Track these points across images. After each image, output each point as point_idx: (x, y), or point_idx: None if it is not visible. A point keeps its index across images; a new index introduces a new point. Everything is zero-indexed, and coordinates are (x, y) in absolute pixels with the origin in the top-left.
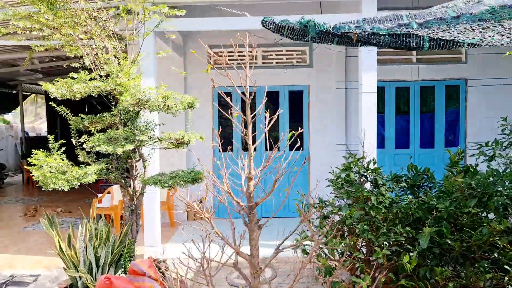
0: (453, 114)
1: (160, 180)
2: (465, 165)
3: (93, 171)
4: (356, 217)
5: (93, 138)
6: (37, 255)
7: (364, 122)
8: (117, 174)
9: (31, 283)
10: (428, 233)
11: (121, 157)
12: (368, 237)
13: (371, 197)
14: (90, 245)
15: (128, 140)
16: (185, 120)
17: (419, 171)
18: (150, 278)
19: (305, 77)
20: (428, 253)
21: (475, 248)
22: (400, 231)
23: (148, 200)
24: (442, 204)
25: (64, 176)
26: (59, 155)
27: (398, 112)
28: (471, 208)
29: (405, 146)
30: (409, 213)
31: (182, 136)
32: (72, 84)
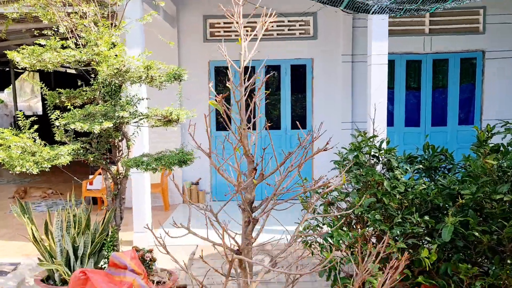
0: (468, 89)
1: (142, 162)
2: (495, 144)
3: (67, 151)
4: (366, 204)
5: (67, 114)
6: (19, 241)
7: (374, 97)
8: (97, 155)
9: (10, 272)
10: (452, 224)
11: (101, 136)
12: (380, 228)
13: (383, 181)
14: (67, 234)
15: (107, 116)
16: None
17: (436, 151)
18: (132, 271)
19: (309, 49)
20: (450, 246)
21: (506, 241)
22: (417, 221)
23: (137, 182)
24: (468, 190)
25: (33, 158)
26: (30, 134)
27: (408, 87)
28: (503, 194)
29: (416, 124)
30: (427, 199)
31: (169, 112)
32: (41, 53)
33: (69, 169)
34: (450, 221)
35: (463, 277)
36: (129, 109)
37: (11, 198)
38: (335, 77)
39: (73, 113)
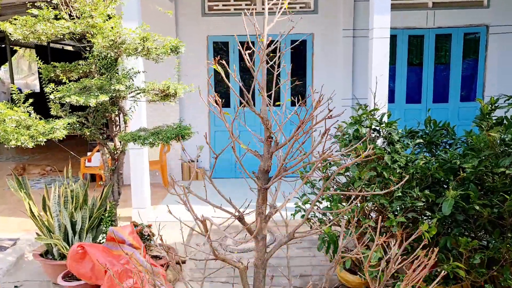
0: (470, 65)
1: (139, 136)
2: (499, 117)
3: (62, 125)
4: (366, 178)
5: (62, 88)
6: (19, 217)
7: (375, 71)
8: (94, 130)
9: (9, 248)
10: (452, 198)
11: (98, 110)
12: (380, 202)
13: (384, 155)
14: (64, 209)
15: (102, 90)
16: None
17: (437, 126)
18: (130, 246)
19: (309, 24)
20: (450, 220)
21: (507, 214)
22: (417, 195)
23: (135, 157)
24: (469, 164)
25: (28, 131)
26: (25, 108)
27: (410, 63)
28: (505, 168)
29: (417, 101)
30: (428, 174)
31: (167, 86)
32: (34, 24)
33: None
34: (451, 195)
35: (462, 251)
36: (125, 82)
37: (10, 175)
38: (335, 53)
39: (68, 86)
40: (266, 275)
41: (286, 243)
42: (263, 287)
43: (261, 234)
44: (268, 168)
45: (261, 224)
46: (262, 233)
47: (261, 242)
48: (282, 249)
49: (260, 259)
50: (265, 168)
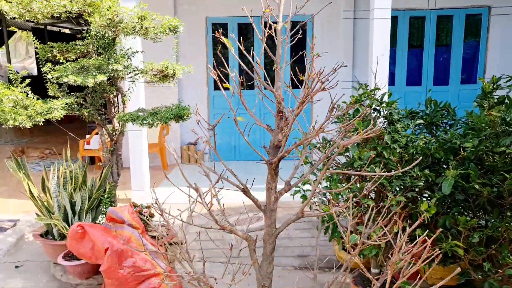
0: (471, 47)
1: (138, 116)
2: (501, 96)
3: (60, 105)
4: (366, 158)
5: (59, 67)
6: (19, 199)
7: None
8: (92, 111)
9: (9, 229)
10: (452, 177)
11: (96, 91)
12: (379, 182)
13: (384, 135)
14: (64, 190)
15: (100, 69)
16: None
17: (438, 107)
18: (130, 226)
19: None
20: (449, 200)
21: (506, 194)
22: (417, 175)
23: (134, 139)
24: (470, 143)
25: (26, 111)
26: (22, 88)
27: (411, 46)
28: (505, 147)
29: (417, 83)
30: (428, 154)
31: (165, 67)
32: (30, 1)
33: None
34: (451, 174)
35: (461, 229)
36: (123, 62)
37: (9, 158)
38: (336, 35)
39: (65, 66)
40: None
41: (295, 221)
42: (272, 262)
43: (270, 208)
44: (278, 144)
45: (270, 199)
46: (271, 208)
47: (271, 218)
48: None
49: (268, 234)
50: (275, 143)
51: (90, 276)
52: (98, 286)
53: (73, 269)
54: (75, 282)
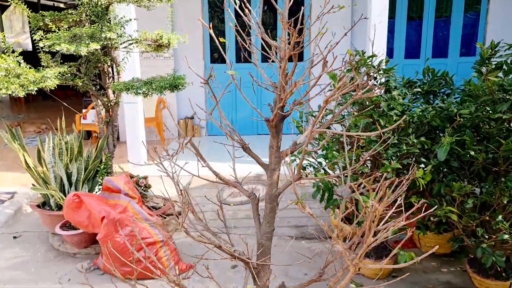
0: (471, 19)
1: (132, 85)
2: (499, 62)
3: (53, 74)
4: (362, 126)
5: (52, 35)
6: (16, 172)
7: (374, 19)
8: (86, 80)
9: (7, 201)
10: (448, 143)
11: (89, 60)
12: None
13: (381, 102)
14: (60, 161)
15: (93, 38)
16: (170, 20)
17: (436, 76)
18: (126, 195)
19: None
20: (444, 168)
21: (501, 160)
22: (413, 142)
23: (129, 111)
24: (466, 110)
25: (18, 80)
26: (14, 57)
27: (409, 17)
28: (502, 113)
29: (416, 56)
30: (425, 122)
31: (160, 36)
32: None
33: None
34: (446, 141)
35: (455, 195)
36: (116, 30)
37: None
38: (335, 1)
39: (58, 34)
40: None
41: (294, 183)
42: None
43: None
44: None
45: (271, 158)
46: (272, 167)
47: (271, 177)
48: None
49: (268, 194)
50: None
51: (87, 245)
52: (96, 255)
53: (71, 239)
54: (72, 252)
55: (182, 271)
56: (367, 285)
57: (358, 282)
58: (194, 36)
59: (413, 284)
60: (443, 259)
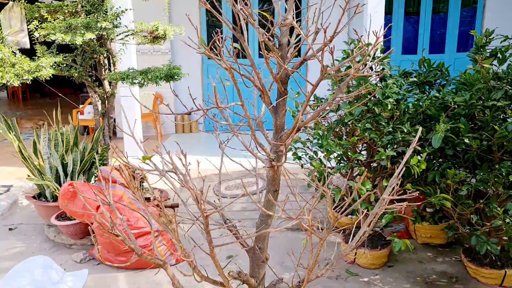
0: (468, 15)
1: (128, 75)
2: (493, 49)
3: (48, 63)
4: (357, 114)
5: (47, 25)
6: (12, 167)
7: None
8: (82, 71)
9: (3, 194)
10: (442, 131)
11: (85, 51)
12: (370, 137)
13: (376, 90)
14: (55, 152)
15: (89, 28)
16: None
17: (431, 66)
18: (122, 185)
19: None
20: (439, 156)
21: (496, 147)
22: (408, 130)
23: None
24: (461, 97)
25: (14, 69)
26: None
27: (406, 12)
28: (496, 101)
29: (413, 52)
30: (420, 110)
31: (156, 27)
32: None
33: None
34: (441, 128)
35: (450, 182)
36: (112, 20)
37: None
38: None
39: (53, 24)
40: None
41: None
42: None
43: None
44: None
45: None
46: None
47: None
48: None
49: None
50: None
51: (83, 236)
52: (91, 246)
53: (66, 229)
54: (68, 243)
55: (178, 261)
56: (363, 275)
57: (354, 272)
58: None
59: (408, 274)
60: (439, 250)
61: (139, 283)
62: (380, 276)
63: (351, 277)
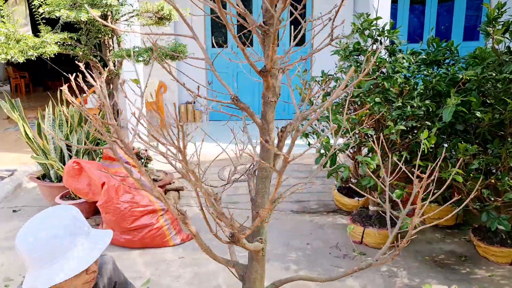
0: (474, 3)
1: (133, 52)
2: (506, 21)
3: (53, 39)
4: (366, 88)
5: (52, 1)
6: (17, 153)
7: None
8: (86, 50)
9: (7, 177)
10: (454, 104)
11: (90, 31)
12: (379, 111)
13: (385, 65)
14: (60, 131)
15: (94, 5)
16: None
17: (440, 46)
18: (127, 164)
19: None
20: (449, 131)
21: (507, 121)
22: (418, 105)
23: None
24: (472, 71)
25: (18, 45)
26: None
27: (412, 1)
28: (509, 73)
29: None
30: (429, 86)
31: (161, 7)
32: None
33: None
34: (452, 102)
35: (461, 156)
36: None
37: (5, 119)
38: None
39: (57, 0)
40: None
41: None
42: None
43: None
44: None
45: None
46: (268, 120)
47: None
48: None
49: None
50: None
51: (88, 216)
52: (96, 226)
53: None
54: None
55: (184, 241)
56: (370, 254)
57: (362, 251)
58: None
59: (416, 253)
60: (447, 231)
61: (145, 260)
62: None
63: (359, 256)
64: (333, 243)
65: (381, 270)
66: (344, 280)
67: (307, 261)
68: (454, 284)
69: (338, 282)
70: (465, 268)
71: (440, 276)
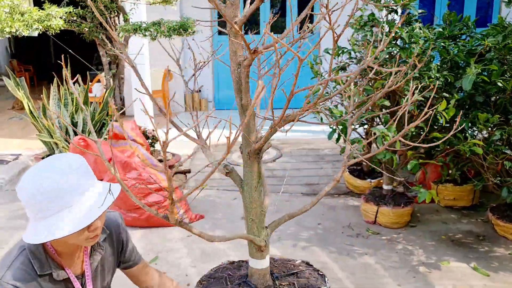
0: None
1: (140, 26)
2: None
3: (58, 13)
4: (381, 59)
5: None
6: (21, 139)
7: None
8: (92, 27)
9: (11, 161)
10: (474, 73)
11: (96, 7)
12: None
13: (402, 34)
14: (65, 110)
15: None
16: None
17: (457, 21)
18: (134, 141)
19: None
20: (468, 104)
21: None
22: (435, 76)
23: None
24: (493, 39)
25: (23, 18)
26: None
27: None
28: None
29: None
30: (447, 58)
31: None
32: None
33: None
34: (472, 71)
35: (481, 127)
36: None
37: (10, 109)
38: None
39: None
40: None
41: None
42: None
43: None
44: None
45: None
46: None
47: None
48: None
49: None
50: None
51: None
52: None
53: None
54: None
55: (192, 220)
56: (384, 234)
57: (375, 231)
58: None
59: (432, 233)
60: (463, 212)
61: (152, 238)
62: (403, 234)
63: (372, 235)
64: (345, 224)
65: (396, 248)
66: (359, 256)
67: (318, 239)
68: (473, 262)
69: (352, 259)
70: (483, 247)
71: (458, 254)
